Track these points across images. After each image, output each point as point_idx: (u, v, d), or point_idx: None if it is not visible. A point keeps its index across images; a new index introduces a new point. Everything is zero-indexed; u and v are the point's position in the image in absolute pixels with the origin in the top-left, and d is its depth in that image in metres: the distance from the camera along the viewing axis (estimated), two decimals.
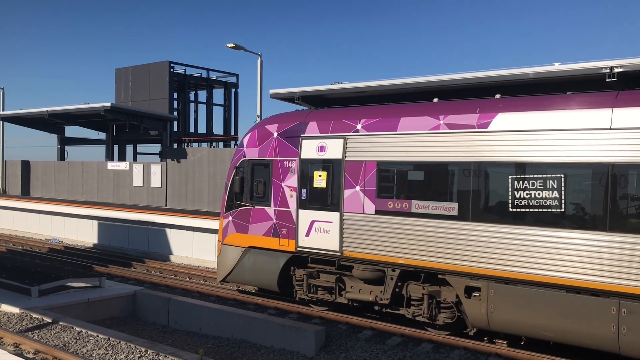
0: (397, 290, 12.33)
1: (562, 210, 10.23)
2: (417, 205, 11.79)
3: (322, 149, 13.31)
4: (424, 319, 12.02)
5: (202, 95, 37.91)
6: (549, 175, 10.38)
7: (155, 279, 18.49)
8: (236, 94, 37.28)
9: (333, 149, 13.09)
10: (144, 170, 28.89)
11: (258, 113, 25.14)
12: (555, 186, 10.33)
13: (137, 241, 25.21)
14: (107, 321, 13.22)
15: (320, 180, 13.27)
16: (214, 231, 22.05)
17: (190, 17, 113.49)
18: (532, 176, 10.55)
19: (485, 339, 11.79)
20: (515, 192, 10.64)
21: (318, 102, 18.37)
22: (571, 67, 12.43)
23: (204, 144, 35.61)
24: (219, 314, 12.53)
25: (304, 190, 13.48)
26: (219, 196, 26.24)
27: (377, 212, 12.26)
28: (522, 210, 10.58)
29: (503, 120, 11.03)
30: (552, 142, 10.45)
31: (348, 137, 12.92)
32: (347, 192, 12.73)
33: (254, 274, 14.41)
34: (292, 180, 13.70)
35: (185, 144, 33.76)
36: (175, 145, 32.13)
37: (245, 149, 14.77)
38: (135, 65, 35.49)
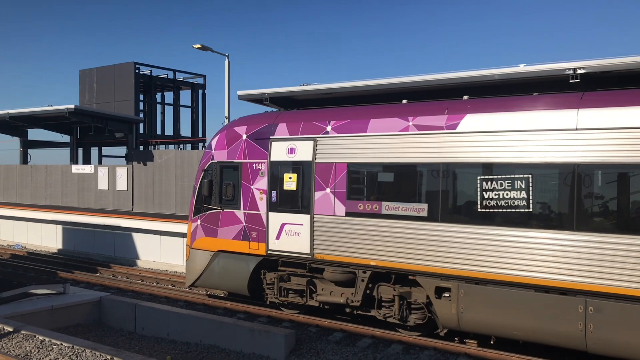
0: (368, 292, 12.33)
1: (530, 210, 10.36)
2: (387, 207, 11.82)
3: (292, 150, 13.24)
4: (395, 320, 12.04)
5: (169, 96, 37.43)
6: (517, 176, 10.51)
7: (122, 285, 18.16)
8: (204, 95, 36.94)
9: (303, 151, 13.05)
10: (110, 174, 28.35)
11: (226, 114, 24.94)
12: (523, 186, 10.45)
13: (103, 246, 24.77)
14: (72, 328, 12.90)
15: (290, 182, 13.20)
16: (182, 235, 21.79)
17: (156, 19, 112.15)
18: (500, 177, 10.67)
19: (456, 339, 11.87)
20: (484, 193, 10.75)
21: (287, 103, 18.27)
22: (536, 68, 12.59)
23: (171, 146, 35.16)
24: (187, 319, 12.34)
25: (274, 193, 13.38)
26: (187, 199, 25.92)
27: (348, 214, 12.26)
28: (490, 210, 10.70)
29: (471, 121, 11.13)
30: (519, 142, 10.58)
31: (318, 138, 12.89)
32: (317, 194, 12.70)
33: (224, 278, 14.25)
34: (262, 183, 13.58)
35: (152, 147, 33.30)
36: (141, 148, 31.64)
37: (213, 151, 14.60)
38: (99, 67, 34.87)
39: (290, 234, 13.04)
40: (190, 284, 15.09)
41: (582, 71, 12.03)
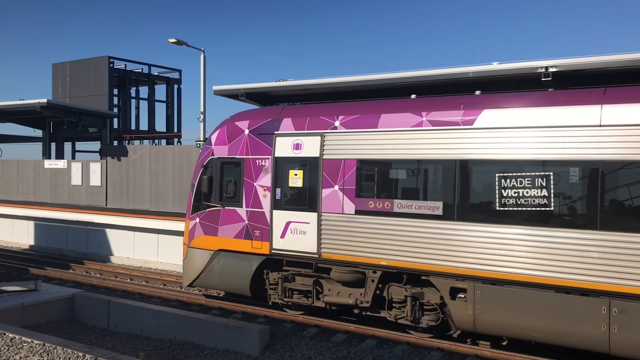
0: (377, 292, 11.94)
1: (551, 208, 10.02)
2: (399, 205, 11.41)
3: (297, 146, 12.77)
4: (406, 321, 11.66)
5: (144, 91, 37.08)
6: (538, 173, 10.16)
7: (95, 281, 17.96)
8: (179, 90, 36.68)
9: (310, 147, 12.59)
10: (83, 169, 27.99)
11: (202, 109, 24.75)
12: (544, 184, 10.11)
13: (76, 242, 24.45)
14: (44, 326, 12.72)
15: (296, 179, 12.72)
16: (157, 231, 21.65)
17: (131, 13, 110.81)
18: (519, 174, 10.32)
19: (469, 340, 11.77)
20: (503, 191, 10.41)
21: (263, 99, 18.22)
22: (509, 66, 12.74)
23: (145, 142, 34.84)
24: (161, 315, 12.26)
25: (278, 190, 12.91)
26: (162, 195, 25.75)
27: (357, 212, 11.84)
28: (510, 209, 10.34)
29: (489, 117, 10.78)
30: (539, 139, 10.22)
31: (326, 134, 12.42)
32: (325, 192, 12.25)
33: (224, 278, 13.71)
34: (266, 180, 13.10)
35: (126, 142, 32.96)
36: (115, 143, 31.30)
37: (213, 146, 14.03)
38: (73, 61, 34.41)
39: (295, 233, 12.57)
40: (189, 284, 14.51)
41: (554, 69, 12.22)
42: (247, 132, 13.51)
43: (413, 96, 12.53)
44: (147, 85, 36.10)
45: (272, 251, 12.88)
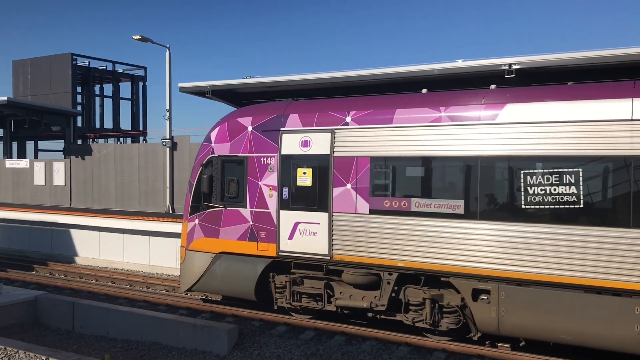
0: (393, 295, 11.49)
1: (581, 206, 9.62)
2: (417, 204, 10.94)
3: (306, 143, 12.20)
4: (425, 325, 11.26)
5: (108, 88, 36.51)
6: (566, 170, 9.77)
7: (59, 283, 17.63)
8: (144, 87, 36.20)
9: (319, 144, 12.03)
10: (46, 168, 27.43)
11: (167, 107, 24.47)
12: (572, 181, 9.72)
13: (40, 243, 23.95)
14: (6, 329, 12.43)
15: (304, 178, 12.14)
16: (123, 231, 21.34)
17: (95, 12, 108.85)
18: (546, 170, 9.91)
19: (487, 342, 11.57)
20: (529, 188, 10.00)
21: (230, 96, 18.08)
22: (473, 63, 12.89)
23: (110, 140, 34.30)
24: (127, 316, 12.09)
25: (285, 190, 12.32)
26: (127, 194, 25.40)
27: (372, 212, 11.34)
28: (536, 207, 9.94)
29: (512, 111, 10.36)
30: (567, 134, 9.83)
31: (336, 130, 11.86)
32: (336, 191, 11.72)
33: (227, 282, 13.07)
34: (272, 179, 12.49)
35: (91, 140, 32.40)
36: (79, 142, 30.72)
37: (213, 144, 13.38)
38: (34, 58, 33.63)
39: (305, 234, 12.03)
40: (187, 289, 13.83)
41: (517, 66, 12.42)
42: (250, 128, 12.89)
43: (424, 91, 12.09)
44: (112, 83, 35.55)
45: (280, 253, 12.34)
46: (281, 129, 12.49)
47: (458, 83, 13.37)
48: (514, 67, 12.40)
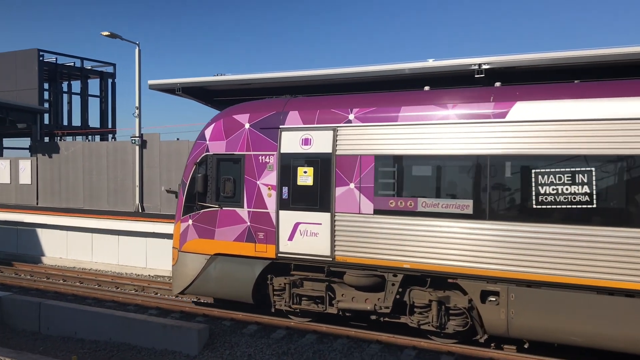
0: (397, 297, 11.26)
1: (594, 205, 9.47)
2: (424, 204, 10.68)
3: (307, 141, 11.83)
4: (431, 327, 11.04)
5: (76, 85, 35.89)
6: (579, 169, 9.62)
7: (25, 283, 17.26)
8: (113, 84, 35.71)
9: (321, 142, 11.67)
10: (12, 166, 26.86)
11: (137, 104, 24.18)
12: (585, 180, 9.55)
13: (5, 243, 23.40)
14: None
15: (305, 177, 11.79)
16: (91, 230, 21.00)
17: (63, 6, 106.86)
18: (559, 170, 9.74)
19: (493, 344, 11.50)
20: (540, 188, 9.82)
21: (201, 94, 17.97)
22: (443, 63, 13.08)
23: (78, 138, 33.74)
24: (95, 316, 11.89)
25: (285, 189, 11.94)
26: (96, 193, 25.03)
27: (377, 212, 11.05)
28: (548, 207, 9.77)
29: (523, 109, 10.14)
30: (580, 133, 9.68)
31: (339, 128, 11.51)
32: (339, 190, 11.39)
33: (223, 285, 12.64)
34: (271, 178, 12.10)
35: (58, 138, 31.81)
36: (46, 139, 30.14)
37: (208, 142, 12.91)
38: None
39: (306, 235, 11.70)
40: (180, 291, 13.30)
41: (487, 66, 12.61)
42: (247, 126, 12.44)
43: (426, 88, 11.93)
44: (80, 80, 34.96)
45: (279, 255, 11.98)
46: (280, 126, 12.11)
47: (429, 82, 13.52)
48: (484, 67, 12.61)
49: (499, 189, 10.22)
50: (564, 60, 12.16)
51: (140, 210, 23.67)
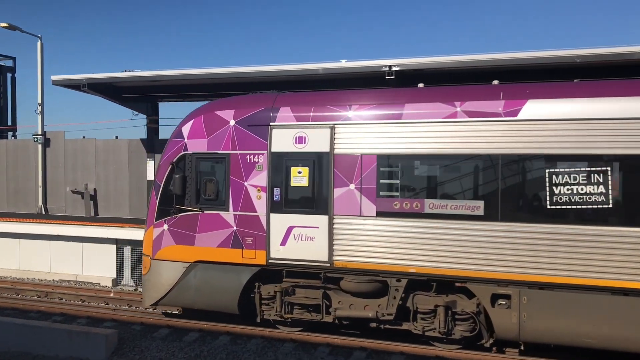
0: (400, 302, 10.86)
1: (610, 206, 9.39)
2: (431, 205, 10.31)
3: (301, 140, 11.19)
4: (437, 333, 10.68)
5: None
6: (592, 169, 9.51)
7: None
8: (13, 79, 33.69)
9: (317, 140, 11.08)
10: None
11: (39, 101, 23.04)
12: (600, 180, 9.44)
13: None
14: None
15: (300, 177, 11.18)
16: None
17: None
18: (573, 170, 9.61)
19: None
20: (554, 188, 9.65)
21: (108, 90, 17.37)
22: (356, 64, 13.34)
23: None
24: None
25: (277, 191, 11.28)
26: None
27: (379, 214, 10.60)
28: (563, 207, 9.64)
29: (536, 108, 9.94)
30: (597, 132, 9.51)
31: (337, 126, 10.97)
32: (337, 192, 10.87)
33: (204, 295, 11.86)
34: (260, 179, 11.39)
35: None
36: None
37: (186, 140, 12.01)
38: None
39: (300, 239, 11.10)
40: (153, 303, 12.39)
41: (397, 68, 12.95)
42: (232, 123, 11.63)
43: (421, 85, 11.60)
44: None
45: (270, 261, 11.32)
46: (271, 123, 11.39)
47: (342, 83, 13.76)
48: (394, 68, 12.94)
49: (511, 189, 10.00)
50: (470, 63, 12.70)
51: (43, 212, 22.55)
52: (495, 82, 10.98)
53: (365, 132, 10.80)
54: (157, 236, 12.21)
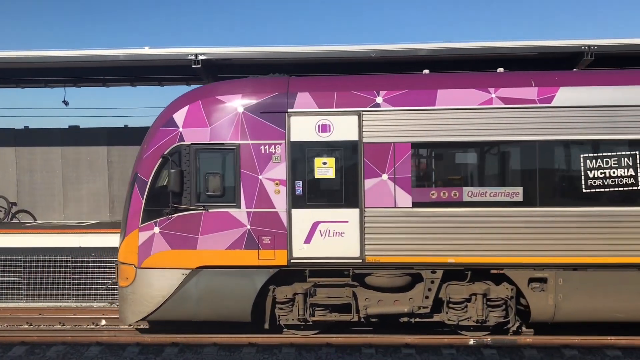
0: (435, 294, 10.75)
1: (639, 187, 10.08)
2: (470, 193, 10.25)
3: (325, 128, 10.51)
4: (472, 322, 10.66)
5: None
6: (625, 153, 10.09)
7: None
8: None
9: (343, 128, 10.45)
10: None
11: None
12: (630, 163, 10.07)
13: None
14: None
15: (325, 169, 10.50)
16: None
17: None
18: (606, 154, 10.14)
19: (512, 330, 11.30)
20: (589, 172, 10.14)
21: None
22: (158, 51, 12.85)
23: None
24: None
25: (299, 184, 10.51)
26: None
27: (416, 205, 10.28)
28: (598, 190, 10.17)
29: (569, 95, 10.32)
30: (629, 117, 10.12)
31: (364, 112, 10.42)
32: (368, 183, 10.37)
33: (210, 304, 10.75)
34: (278, 171, 10.50)
35: None
36: None
37: (181, 129, 10.70)
38: None
39: (327, 235, 10.45)
40: (140, 319, 11.03)
41: (204, 57, 12.67)
42: (241, 109, 10.59)
43: (426, 71, 11.39)
44: None
45: (292, 261, 10.54)
46: (288, 110, 10.53)
47: (144, 70, 13.15)
48: (200, 57, 12.64)
49: (548, 174, 10.28)
50: (291, 54, 12.75)
51: None
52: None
53: (397, 119, 10.46)
54: (144, 241, 10.83)
